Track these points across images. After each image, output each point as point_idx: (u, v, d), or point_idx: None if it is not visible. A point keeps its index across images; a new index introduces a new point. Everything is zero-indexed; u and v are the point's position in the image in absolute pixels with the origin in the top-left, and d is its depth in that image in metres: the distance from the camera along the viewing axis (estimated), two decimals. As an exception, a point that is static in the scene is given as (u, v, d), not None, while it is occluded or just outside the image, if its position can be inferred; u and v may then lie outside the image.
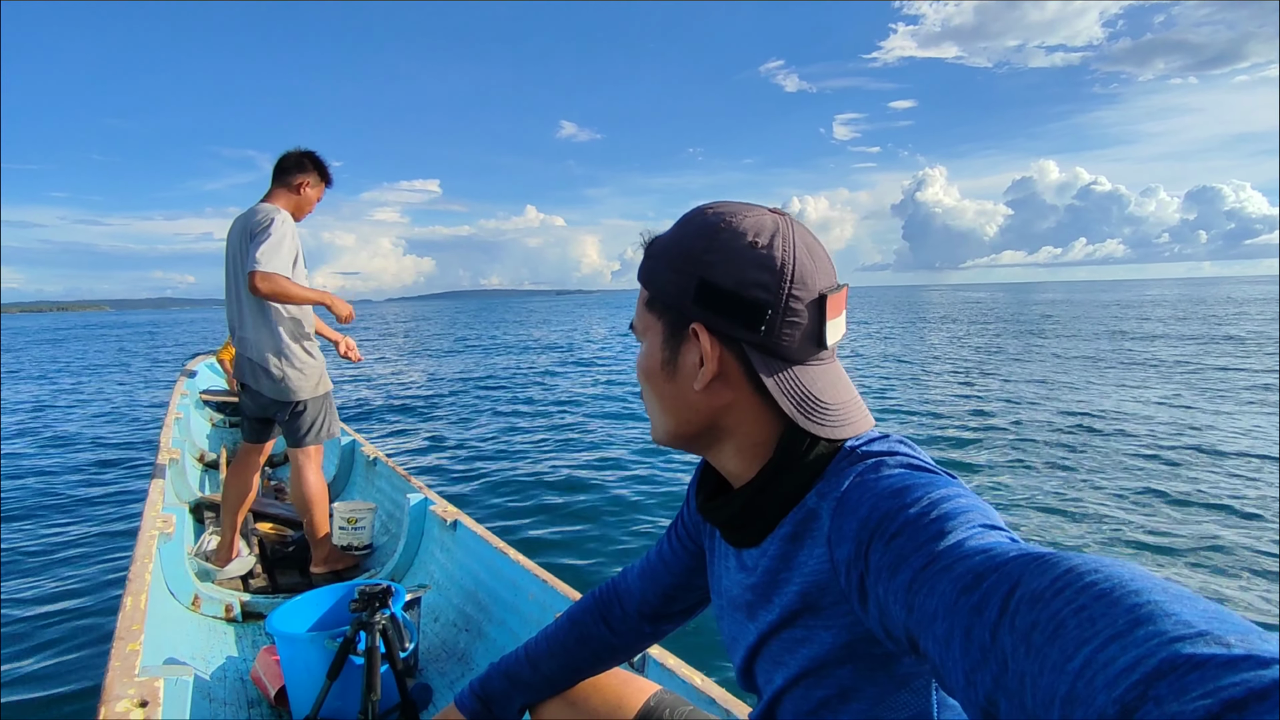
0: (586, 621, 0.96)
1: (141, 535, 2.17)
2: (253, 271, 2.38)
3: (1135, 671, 0.28)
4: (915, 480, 0.53)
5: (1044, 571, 0.37)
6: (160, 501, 2.56)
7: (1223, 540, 3.91)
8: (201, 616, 2.27)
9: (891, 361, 13.90)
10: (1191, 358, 12.73)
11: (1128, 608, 0.31)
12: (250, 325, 2.53)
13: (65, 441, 7.46)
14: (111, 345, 28.44)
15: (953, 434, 6.82)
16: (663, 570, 0.89)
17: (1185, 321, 23.41)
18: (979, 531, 0.46)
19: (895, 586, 0.47)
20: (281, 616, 1.84)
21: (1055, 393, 9.09)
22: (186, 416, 4.63)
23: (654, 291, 0.65)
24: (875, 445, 0.60)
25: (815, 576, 0.58)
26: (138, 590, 1.78)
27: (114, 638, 1.50)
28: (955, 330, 23.24)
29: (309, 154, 2.63)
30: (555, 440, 7.02)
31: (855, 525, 0.53)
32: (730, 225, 0.61)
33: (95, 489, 5.48)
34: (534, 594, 1.95)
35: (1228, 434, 6.48)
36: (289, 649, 1.74)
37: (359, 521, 2.76)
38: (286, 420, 2.61)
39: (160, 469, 3.06)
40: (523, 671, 0.98)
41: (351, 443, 3.85)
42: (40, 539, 4.32)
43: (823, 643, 0.59)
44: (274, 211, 2.49)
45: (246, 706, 1.86)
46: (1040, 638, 0.34)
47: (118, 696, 1.24)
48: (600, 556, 3.84)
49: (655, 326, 0.66)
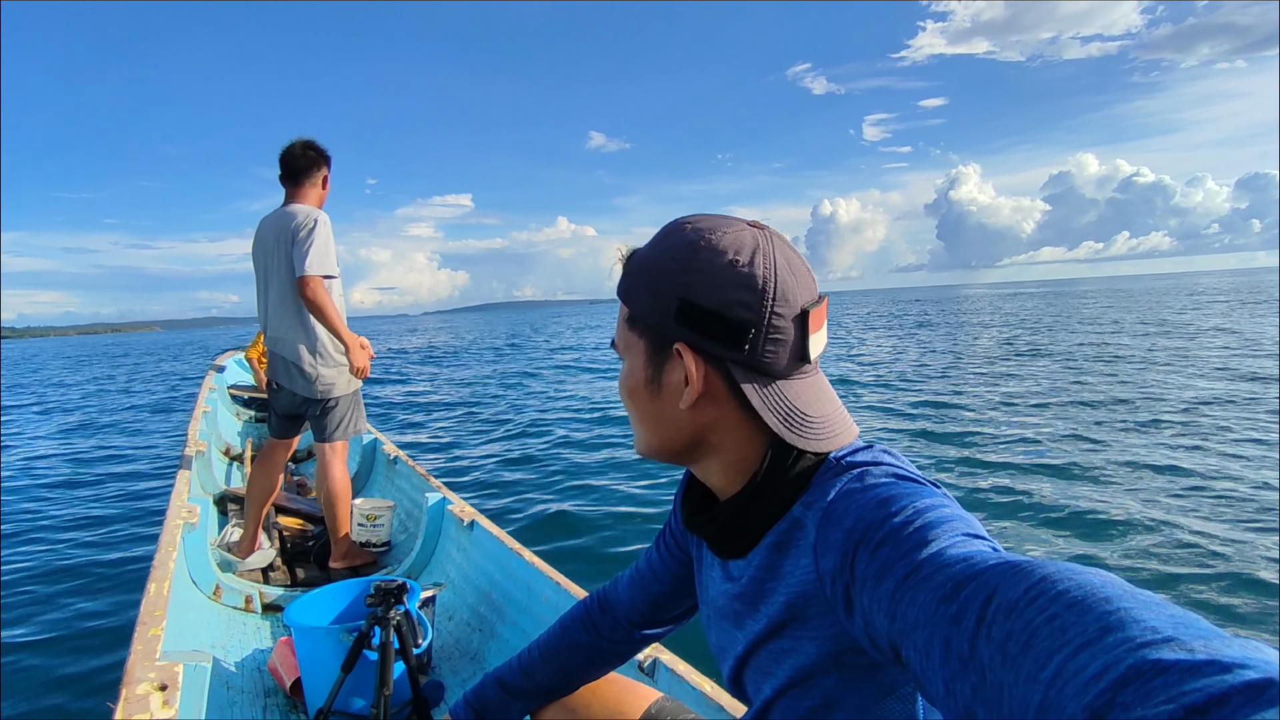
0: (577, 629, 0.96)
1: (167, 524, 2.22)
2: (307, 277, 2.44)
3: (1103, 679, 0.29)
4: (900, 490, 0.53)
5: (1019, 580, 0.37)
6: (186, 492, 2.62)
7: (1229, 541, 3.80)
8: (222, 606, 2.31)
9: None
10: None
11: (1098, 615, 0.32)
12: (284, 324, 2.58)
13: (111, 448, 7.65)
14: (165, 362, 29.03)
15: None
16: (651, 579, 0.89)
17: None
18: (961, 540, 0.46)
19: (879, 595, 0.47)
20: (299, 609, 1.87)
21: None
22: (214, 410, 4.73)
23: (634, 309, 0.64)
24: (860, 456, 0.60)
25: (801, 587, 0.58)
26: (161, 577, 1.82)
27: (137, 622, 1.54)
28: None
29: (313, 145, 2.62)
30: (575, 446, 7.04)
31: (841, 535, 0.53)
32: (710, 243, 0.59)
33: (131, 481, 5.62)
34: (547, 596, 1.95)
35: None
36: (305, 641, 1.77)
37: (378, 519, 2.80)
38: (317, 416, 2.65)
39: (187, 460, 3.12)
40: (516, 680, 0.97)
41: (373, 441, 3.90)
42: (71, 530, 4.44)
43: (808, 653, 0.59)
44: (314, 213, 2.53)
45: (263, 696, 1.89)
46: (1015, 648, 0.34)
47: (139, 679, 1.27)
48: (617, 564, 3.84)
49: (637, 345, 0.65)
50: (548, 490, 5.26)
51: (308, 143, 2.62)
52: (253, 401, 5.66)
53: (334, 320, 2.51)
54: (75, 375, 20.73)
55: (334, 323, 2.52)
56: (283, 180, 2.63)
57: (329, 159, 2.67)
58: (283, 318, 2.58)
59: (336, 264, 2.54)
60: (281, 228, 2.54)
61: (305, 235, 2.47)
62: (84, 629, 3.01)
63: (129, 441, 8.13)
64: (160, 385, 16.36)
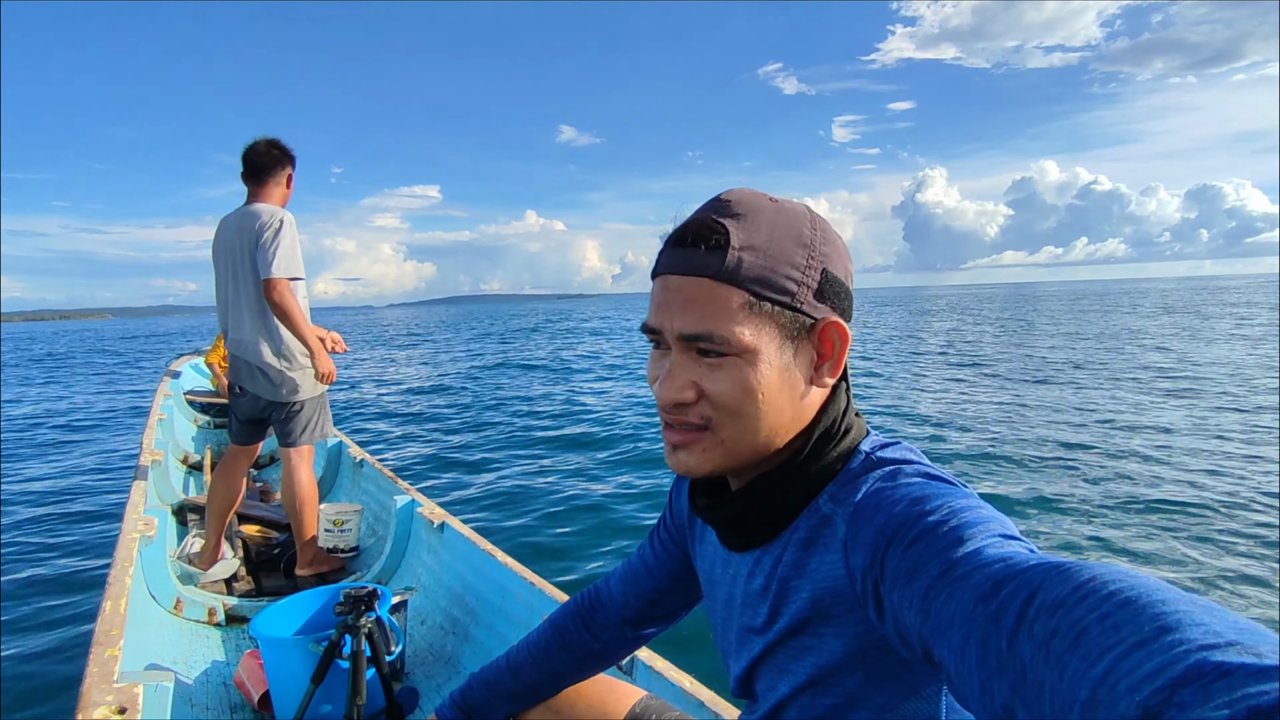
0: (569, 628, 0.94)
1: (122, 538, 2.13)
2: (274, 280, 2.37)
3: (1160, 677, 0.28)
4: (934, 490, 0.52)
5: (1065, 580, 0.36)
6: (142, 504, 2.52)
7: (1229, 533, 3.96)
8: (184, 620, 2.24)
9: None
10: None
11: (1153, 615, 0.31)
12: (247, 326, 2.50)
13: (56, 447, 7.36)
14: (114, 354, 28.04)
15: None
16: (645, 575, 0.88)
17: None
18: (997, 540, 0.46)
19: (911, 593, 0.46)
20: (266, 620, 1.82)
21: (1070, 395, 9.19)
22: (170, 417, 4.58)
23: (768, 290, 0.56)
24: (890, 452, 0.60)
25: (829, 583, 0.57)
26: (117, 594, 1.75)
27: (92, 643, 1.47)
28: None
29: (278, 144, 2.56)
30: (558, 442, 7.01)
31: (873, 532, 0.52)
32: (817, 216, 0.61)
33: (82, 494, 5.41)
34: (521, 597, 1.93)
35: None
36: (273, 653, 1.72)
37: (345, 524, 2.74)
38: (282, 420, 2.58)
39: (143, 470, 3.01)
40: (504, 680, 0.96)
41: (338, 444, 3.82)
42: (21, 542, 4.25)
43: (833, 651, 0.58)
44: (279, 213, 2.46)
45: (229, 711, 1.83)
46: (1061, 645, 0.33)
47: (95, 703, 1.21)
48: (597, 562, 3.83)
49: (768, 329, 0.57)
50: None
51: (272, 141, 2.54)
52: (210, 407, 5.48)
53: (299, 325, 2.45)
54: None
55: (299, 327, 2.45)
56: (245, 179, 2.55)
57: (293, 158, 2.60)
58: (246, 320, 2.50)
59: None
60: (244, 227, 2.46)
61: (271, 236, 2.40)
62: (37, 653, 2.89)
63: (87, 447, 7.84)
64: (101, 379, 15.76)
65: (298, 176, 2.65)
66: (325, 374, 2.57)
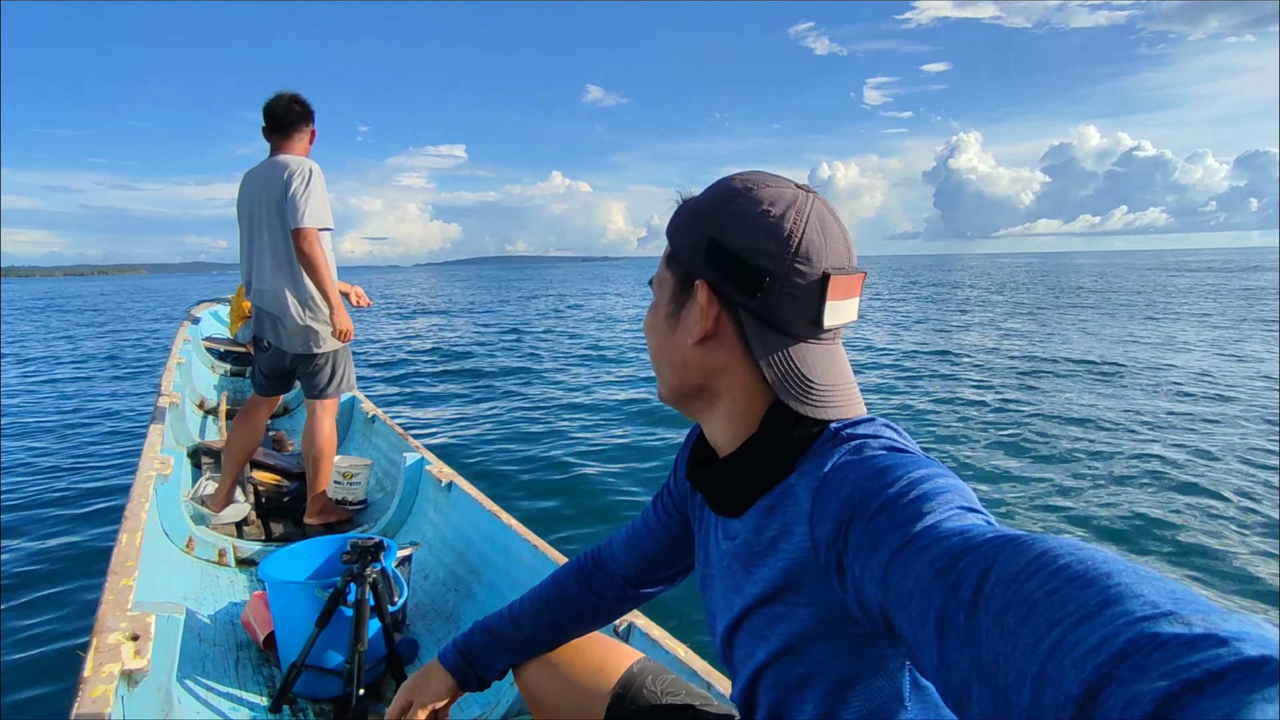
0: (570, 583, 0.98)
1: (139, 475, 2.18)
2: (304, 229, 2.38)
3: (1101, 652, 0.29)
4: (896, 460, 0.53)
5: (1019, 554, 0.37)
6: (159, 444, 2.58)
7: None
8: (195, 559, 2.29)
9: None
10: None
11: (1099, 589, 0.32)
12: (269, 276, 2.52)
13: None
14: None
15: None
16: (647, 537, 0.91)
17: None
18: (956, 513, 0.47)
19: (872, 565, 0.47)
20: (274, 564, 1.86)
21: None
22: (189, 362, 4.64)
23: (673, 246, 0.68)
24: (860, 428, 0.61)
25: (798, 554, 0.59)
26: (133, 528, 1.80)
27: (108, 571, 1.52)
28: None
29: (300, 98, 2.56)
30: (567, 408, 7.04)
31: (836, 505, 0.53)
32: (750, 192, 0.62)
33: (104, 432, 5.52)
34: (525, 559, 1.96)
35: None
36: (280, 596, 1.76)
37: (355, 477, 2.78)
38: (310, 373, 2.61)
39: (160, 412, 3.07)
40: (506, 629, 0.99)
41: (351, 399, 3.86)
42: (41, 480, 4.37)
43: (802, 619, 0.60)
44: (307, 163, 2.47)
45: (235, 649, 1.89)
46: (1014, 619, 0.34)
47: (110, 629, 1.25)
48: (600, 525, 3.86)
49: (668, 280, 0.68)
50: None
51: (294, 96, 2.55)
52: (228, 355, 5.56)
53: (324, 277, 2.46)
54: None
55: (324, 280, 2.46)
56: (268, 134, 2.55)
57: (314, 114, 2.60)
58: (269, 270, 2.51)
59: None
60: (272, 177, 2.46)
61: (301, 186, 2.40)
62: (55, 580, 2.98)
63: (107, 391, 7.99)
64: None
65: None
66: (343, 331, 2.59)
